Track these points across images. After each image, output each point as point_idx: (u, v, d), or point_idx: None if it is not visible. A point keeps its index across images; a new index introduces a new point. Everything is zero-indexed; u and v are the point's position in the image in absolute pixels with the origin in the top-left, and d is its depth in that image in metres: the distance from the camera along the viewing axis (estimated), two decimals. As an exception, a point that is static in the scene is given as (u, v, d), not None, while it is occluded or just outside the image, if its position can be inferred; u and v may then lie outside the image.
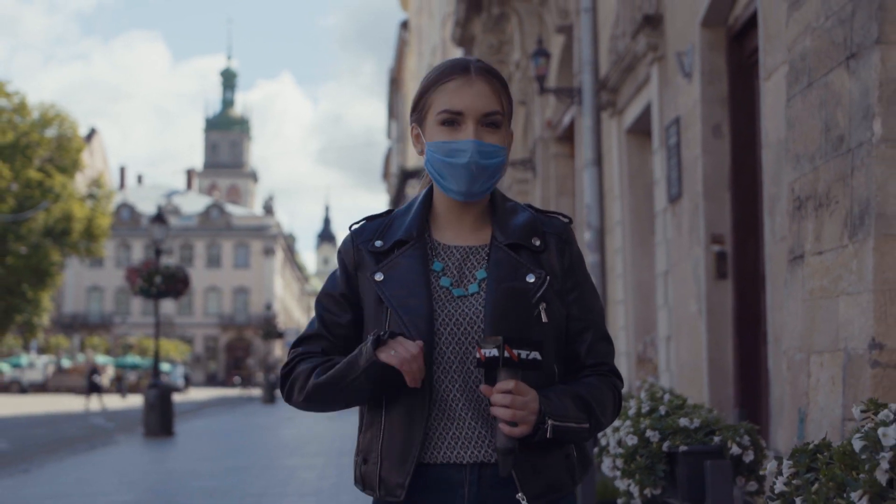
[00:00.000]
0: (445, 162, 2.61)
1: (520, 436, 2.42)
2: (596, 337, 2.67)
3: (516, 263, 2.61)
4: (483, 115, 2.60)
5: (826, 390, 4.52)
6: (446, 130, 2.62)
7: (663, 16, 10.71)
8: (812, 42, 4.93)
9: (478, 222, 2.71)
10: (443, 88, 2.63)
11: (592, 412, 2.56)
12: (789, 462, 2.58)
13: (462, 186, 2.61)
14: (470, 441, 2.55)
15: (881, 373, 4.16)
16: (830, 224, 4.63)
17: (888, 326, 4.17)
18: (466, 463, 2.54)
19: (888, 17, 4.32)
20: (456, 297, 2.60)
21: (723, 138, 9.40)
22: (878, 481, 2.23)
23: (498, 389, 2.40)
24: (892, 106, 4.28)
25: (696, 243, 9.58)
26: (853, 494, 2.25)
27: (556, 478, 2.57)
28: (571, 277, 2.68)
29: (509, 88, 2.71)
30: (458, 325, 2.56)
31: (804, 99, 4.97)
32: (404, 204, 2.82)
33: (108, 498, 12.65)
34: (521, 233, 2.66)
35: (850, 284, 4.39)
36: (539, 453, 2.53)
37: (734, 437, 4.73)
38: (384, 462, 2.58)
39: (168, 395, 24.55)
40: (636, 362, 12.45)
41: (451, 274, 2.64)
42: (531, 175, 19.20)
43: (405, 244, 2.67)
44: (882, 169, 4.25)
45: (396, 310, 2.57)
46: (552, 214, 2.75)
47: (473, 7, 20.86)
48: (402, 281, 2.61)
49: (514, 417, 2.40)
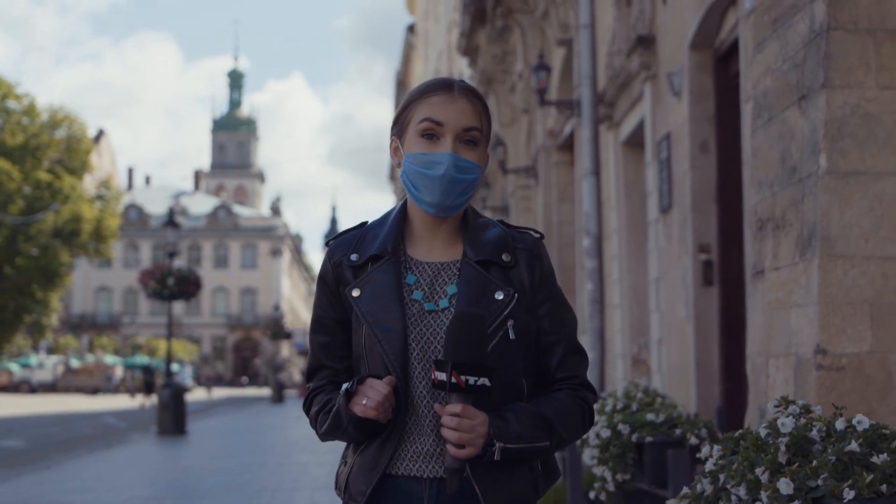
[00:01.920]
0: (421, 173, 2.64)
1: (466, 458, 2.49)
2: (567, 350, 2.72)
3: (485, 280, 2.64)
4: (462, 130, 2.64)
5: (781, 390, 5.16)
6: (425, 143, 2.65)
7: (656, 37, 11.35)
8: (772, 82, 5.58)
9: (450, 238, 2.74)
10: (425, 102, 2.67)
11: (554, 430, 2.60)
12: (718, 447, 3.23)
13: (435, 198, 2.64)
14: (431, 456, 2.61)
15: (824, 374, 4.81)
16: (785, 244, 5.28)
17: (830, 335, 4.82)
18: (426, 477, 2.61)
19: (833, 65, 4.97)
20: (427, 312, 2.64)
21: (709, 154, 10.04)
22: (778, 460, 2.87)
23: (447, 412, 2.48)
24: (836, 143, 4.93)
25: (685, 252, 10.21)
26: (758, 470, 2.89)
27: (519, 491, 2.62)
28: (542, 291, 2.71)
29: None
30: (429, 342, 2.61)
31: (765, 132, 5.62)
32: (380, 217, 2.85)
33: (129, 493, 13.29)
34: (491, 249, 2.69)
35: (800, 297, 5.04)
36: (501, 467, 2.58)
37: (693, 429, 5.43)
38: (355, 469, 2.67)
39: (181, 394, 25.21)
40: (631, 364, 13.07)
41: (422, 288, 2.68)
42: (534, 182, 19.80)
43: (380, 259, 2.70)
44: (826, 198, 4.90)
45: (371, 326, 2.62)
46: (523, 230, 2.77)
47: (478, 19, 21.47)
48: (376, 297, 2.65)
49: (461, 440, 2.47)
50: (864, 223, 4.91)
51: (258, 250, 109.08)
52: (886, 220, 4.90)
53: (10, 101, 63.14)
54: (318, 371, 2.77)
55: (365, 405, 2.52)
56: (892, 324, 4.86)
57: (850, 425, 2.85)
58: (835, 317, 4.84)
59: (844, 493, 2.66)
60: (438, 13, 43.55)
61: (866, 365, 4.82)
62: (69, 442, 22.93)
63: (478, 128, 2.66)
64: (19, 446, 21.71)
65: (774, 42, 5.56)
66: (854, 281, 4.87)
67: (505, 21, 19.72)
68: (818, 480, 2.73)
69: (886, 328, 4.85)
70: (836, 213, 4.91)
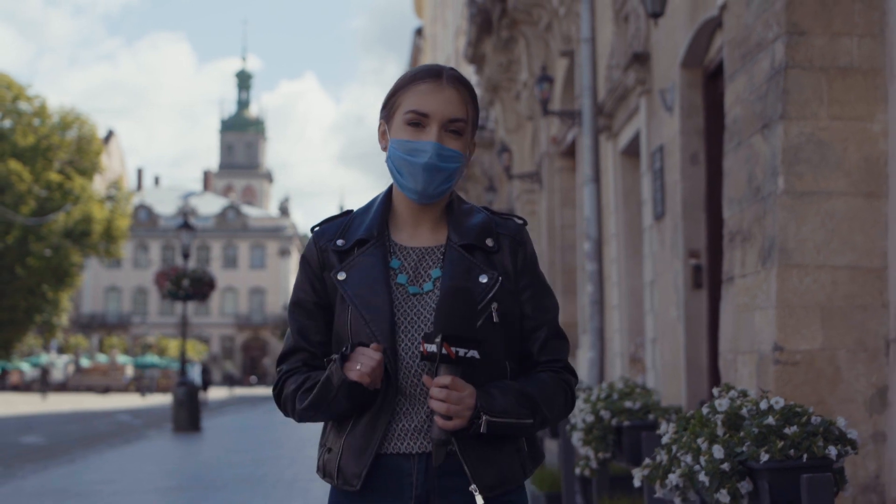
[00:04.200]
0: (405, 160, 2.68)
1: (453, 429, 2.54)
2: (549, 334, 2.77)
3: (469, 264, 2.69)
4: (448, 121, 2.68)
5: (746, 382, 5.90)
6: (411, 130, 2.69)
7: (650, 54, 12.06)
8: (741, 110, 6.31)
9: (434, 224, 2.79)
10: (413, 89, 2.71)
11: (538, 409, 2.66)
12: (673, 425, 3.95)
13: (418, 185, 2.69)
14: (419, 432, 2.65)
15: (781, 368, 5.55)
16: (751, 254, 6.01)
17: (787, 334, 5.56)
18: (415, 453, 2.65)
19: (790, 99, 5.71)
20: (412, 295, 2.69)
21: (699, 166, 10.75)
22: (716, 433, 3.60)
23: (435, 384, 2.53)
24: (793, 166, 5.67)
25: (676, 257, 10.92)
26: (699, 440, 3.62)
27: (508, 470, 2.67)
28: (525, 277, 2.76)
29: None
30: (414, 322, 2.66)
31: (735, 154, 6.36)
32: (364, 204, 2.89)
33: (153, 484, 14.06)
34: (476, 234, 2.74)
35: (762, 301, 5.77)
36: (490, 446, 2.64)
37: (664, 415, 6.20)
38: (344, 453, 2.68)
39: (195, 392, 25.92)
40: (629, 361, 13.79)
41: (406, 272, 2.72)
42: (538, 187, 20.48)
43: (366, 243, 2.74)
44: (784, 214, 5.64)
45: (359, 308, 2.66)
46: (507, 216, 2.83)
47: (484, 29, 22.18)
48: (363, 279, 2.70)
49: (449, 411, 2.52)
50: (816, 237, 5.64)
51: (266, 250, 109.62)
52: (836, 234, 5.64)
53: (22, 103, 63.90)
54: (294, 353, 2.79)
55: (360, 370, 2.57)
56: (841, 325, 5.60)
57: (770, 405, 3.59)
58: (791, 318, 5.57)
59: (761, 456, 3.40)
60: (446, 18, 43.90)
61: (817, 360, 5.56)
62: (88, 438, 23.50)
63: (463, 119, 2.71)
64: (40, 442, 22.33)
65: (743, 75, 6.29)
66: (808, 287, 5.60)
67: (510, 32, 20.40)
68: (743, 447, 3.47)
69: (835, 328, 5.59)
70: (793, 228, 5.64)
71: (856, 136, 5.68)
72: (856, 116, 5.69)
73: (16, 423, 29.68)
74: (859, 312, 5.62)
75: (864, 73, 5.72)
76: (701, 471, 3.51)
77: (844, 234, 5.65)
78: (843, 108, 5.72)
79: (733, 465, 3.44)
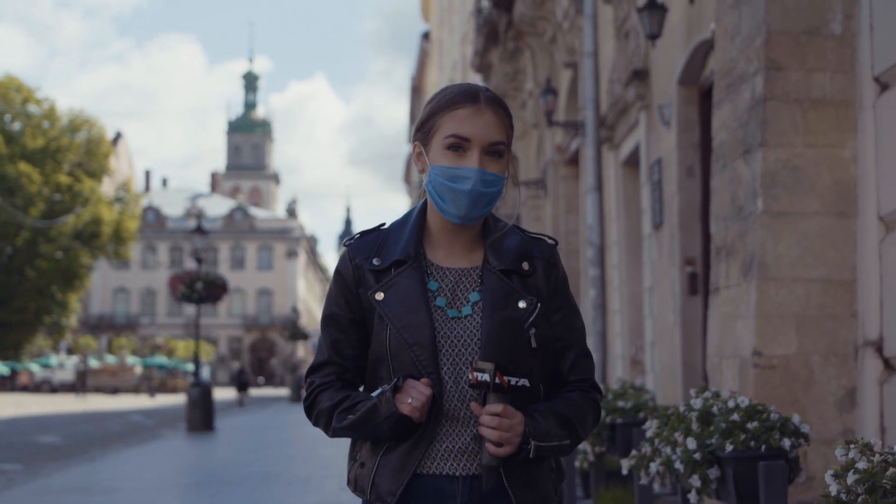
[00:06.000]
0: (448, 186, 2.66)
1: (504, 455, 2.57)
2: (578, 354, 2.79)
3: (509, 289, 2.69)
4: (489, 145, 2.66)
5: (730, 384, 6.50)
6: (451, 155, 2.66)
7: (649, 71, 12.64)
8: (726, 136, 6.91)
9: (470, 244, 2.77)
10: (452, 114, 2.67)
11: (573, 429, 2.70)
12: (656, 421, 4.56)
13: (461, 211, 2.67)
14: (463, 454, 2.66)
15: (760, 372, 6.15)
16: (734, 268, 6.61)
17: (765, 341, 6.16)
18: (459, 475, 2.65)
19: (768, 128, 6.30)
20: (451, 318, 2.68)
21: (695, 178, 11.32)
22: (691, 427, 4.21)
23: (487, 412, 2.55)
24: (770, 189, 6.26)
25: (673, 265, 11.50)
26: (676, 434, 4.23)
27: (545, 491, 2.71)
28: (557, 299, 2.77)
29: (514, 116, 2.83)
30: (454, 346, 2.66)
31: (721, 176, 6.96)
32: (398, 218, 2.87)
33: (173, 480, 14.66)
34: (512, 258, 2.73)
35: (743, 311, 6.37)
36: (529, 467, 2.67)
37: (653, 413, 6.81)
38: (380, 470, 2.68)
39: (209, 392, 26.45)
40: (630, 363, 14.36)
41: (445, 294, 2.71)
42: (543, 194, 21.02)
43: (403, 264, 2.72)
44: (762, 233, 6.24)
45: (399, 330, 2.65)
46: (538, 237, 2.82)
47: (491, 39, 22.76)
48: (402, 301, 2.68)
49: (501, 439, 2.55)
50: (792, 253, 6.25)
51: (274, 252, 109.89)
52: (809, 251, 6.24)
53: (31, 105, 64.46)
54: (326, 366, 2.79)
55: (411, 404, 2.58)
56: (814, 332, 6.20)
57: (736, 404, 4.19)
58: (768, 326, 6.17)
59: (726, 447, 4.01)
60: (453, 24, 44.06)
61: (793, 364, 6.16)
62: (103, 438, 23.83)
63: (503, 141, 2.69)
64: (57, 442, 22.70)
65: (728, 104, 6.90)
66: (784, 298, 6.20)
67: (516, 43, 20.95)
68: (712, 439, 4.08)
69: (809, 335, 6.19)
70: (771, 244, 6.24)
71: (828, 162, 6.28)
72: (828, 144, 6.29)
73: (31, 424, 30.00)
74: (831, 321, 6.22)
75: (836, 105, 6.31)
76: (677, 459, 4.12)
77: (817, 250, 6.25)
78: (817, 136, 6.30)
79: (704, 454, 4.06)
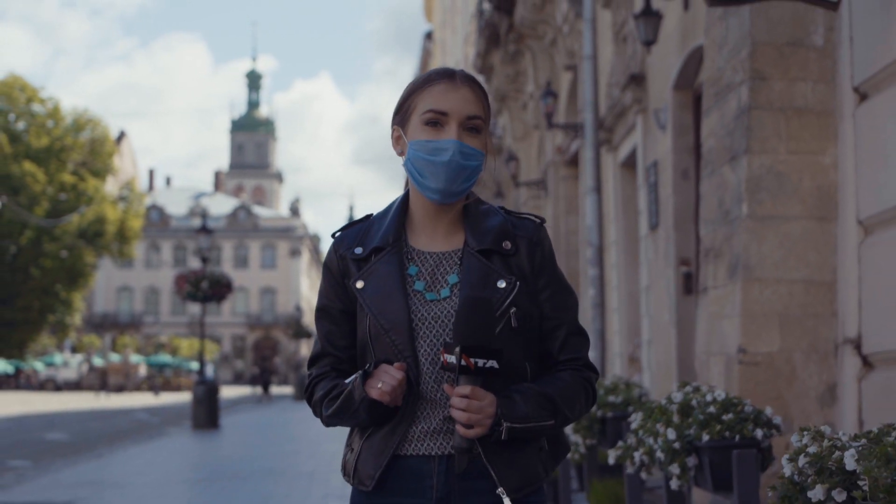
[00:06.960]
0: (427, 160, 2.66)
1: (474, 437, 2.55)
2: (569, 332, 2.76)
3: (487, 269, 2.67)
4: (466, 118, 2.67)
5: (717, 380, 6.81)
6: (430, 130, 2.68)
7: (646, 76, 12.94)
8: (714, 142, 7.22)
9: (451, 227, 2.77)
10: (428, 91, 2.70)
11: (558, 409, 2.66)
12: (641, 413, 4.87)
13: (441, 184, 2.66)
14: (439, 434, 2.66)
15: (745, 368, 6.46)
16: (721, 269, 6.92)
17: (749, 339, 6.47)
18: (435, 455, 2.66)
19: (753, 136, 6.61)
20: (429, 301, 2.68)
21: (689, 181, 11.61)
22: (672, 419, 4.52)
23: (456, 393, 2.54)
24: (755, 194, 6.57)
25: (669, 265, 11.80)
26: (658, 425, 4.54)
27: (531, 471, 2.68)
28: (543, 277, 2.74)
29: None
30: (432, 328, 2.65)
31: (709, 181, 7.27)
32: (383, 208, 2.87)
33: (181, 476, 14.98)
34: (492, 237, 2.71)
35: (729, 310, 6.69)
36: (514, 448, 2.64)
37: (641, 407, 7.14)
38: (363, 454, 2.71)
39: (215, 390, 26.75)
40: (628, 361, 14.66)
41: (424, 278, 2.71)
42: (543, 194, 21.31)
43: (382, 250, 2.73)
44: (747, 236, 6.55)
45: (376, 317, 2.67)
46: (524, 216, 2.80)
47: (492, 42, 23.07)
48: (380, 288, 2.69)
49: (469, 420, 2.53)
50: (775, 255, 6.56)
51: (277, 251, 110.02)
52: (792, 253, 6.55)
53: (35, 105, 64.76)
54: (322, 358, 2.82)
55: (380, 388, 2.59)
56: (796, 330, 6.51)
57: (714, 397, 4.51)
58: (753, 325, 6.48)
59: (703, 437, 4.32)
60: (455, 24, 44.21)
61: (776, 361, 6.48)
62: (111, 435, 24.13)
63: (480, 116, 2.70)
64: (65, 439, 23.02)
65: (716, 112, 7.21)
66: (767, 298, 6.51)
67: (517, 46, 21.23)
68: (690, 430, 4.39)
69: (791, 334, 6.50)
70: (755, 247, 6.55)
71: (810, 168, 6.59)
72: (810, 151, 6.60)
73: (38, 421, 30.27)
74: (812, 320, 6.53)
75: (818, 114, 6.62)
76: (658, 449, 4.43)
77: (800, 252, 6.56)
78: (799, 143, 6.61)
79: (683, 444, 4.37)
